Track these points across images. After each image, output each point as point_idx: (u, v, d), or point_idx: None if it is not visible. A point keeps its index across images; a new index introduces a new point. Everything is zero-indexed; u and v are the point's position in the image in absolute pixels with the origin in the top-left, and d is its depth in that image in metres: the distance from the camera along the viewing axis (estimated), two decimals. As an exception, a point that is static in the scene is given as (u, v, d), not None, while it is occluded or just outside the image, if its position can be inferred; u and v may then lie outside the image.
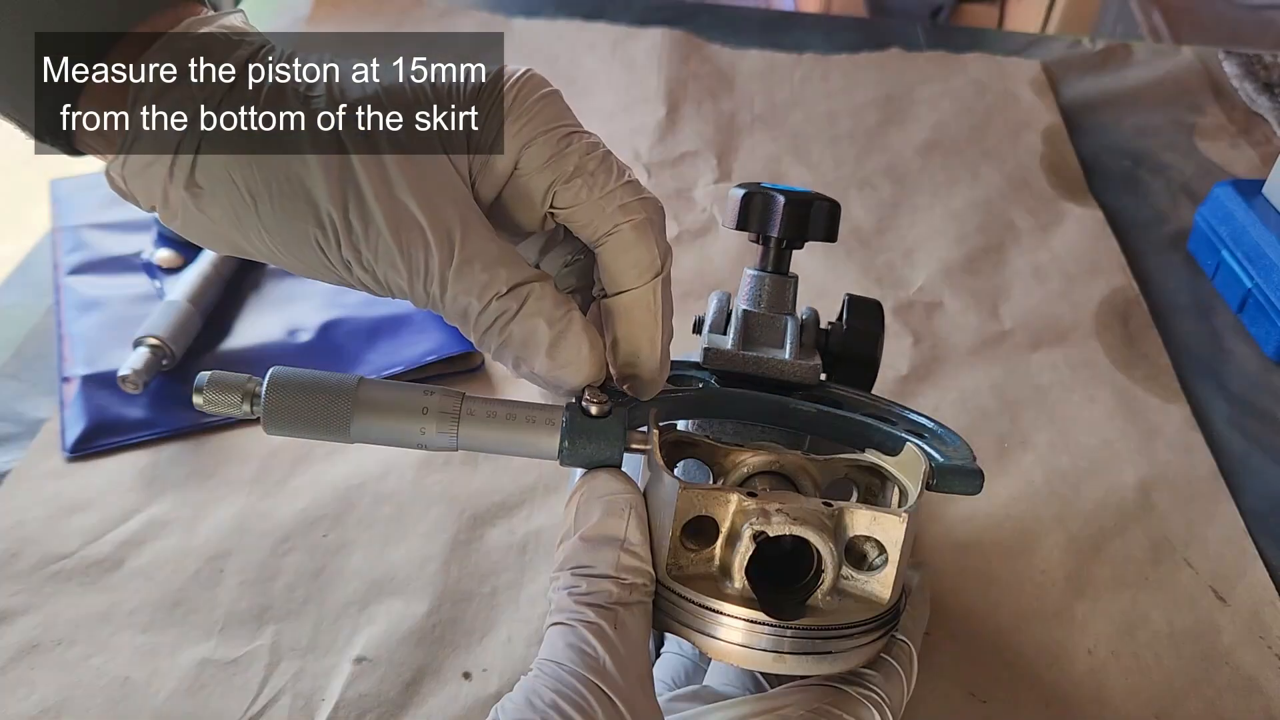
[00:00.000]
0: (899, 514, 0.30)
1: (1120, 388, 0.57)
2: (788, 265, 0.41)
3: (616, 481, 0.30)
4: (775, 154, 0.76)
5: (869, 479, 0.34)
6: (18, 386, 0.52)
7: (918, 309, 0.61)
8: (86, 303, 0.56)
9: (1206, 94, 0.86)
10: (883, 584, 0.31)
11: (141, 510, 0.46)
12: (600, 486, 0.30)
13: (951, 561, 0.46)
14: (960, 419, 0.54)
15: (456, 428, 0.32)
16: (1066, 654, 0.43)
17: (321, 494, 0.47)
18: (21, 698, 0.39)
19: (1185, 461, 0.52)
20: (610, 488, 0.30)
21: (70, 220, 0.62)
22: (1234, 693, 0.42)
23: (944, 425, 0.37)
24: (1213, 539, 0.48)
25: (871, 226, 0.68)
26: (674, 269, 0.29)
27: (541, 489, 0.48)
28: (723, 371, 0.38)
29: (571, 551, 0.29)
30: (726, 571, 0.31)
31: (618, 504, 0.29)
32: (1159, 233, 0.70)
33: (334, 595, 0.43)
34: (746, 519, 0.30)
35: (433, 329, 0.55)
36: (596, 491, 0.30)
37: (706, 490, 0.30)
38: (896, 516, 0.30)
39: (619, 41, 0.87)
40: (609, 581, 0.28)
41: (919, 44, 0.91)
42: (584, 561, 0.28)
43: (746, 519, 0.30)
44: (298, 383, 0.32)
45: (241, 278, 0.58)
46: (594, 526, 0.29)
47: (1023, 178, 0.74)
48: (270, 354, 0.54)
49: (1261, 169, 0.76)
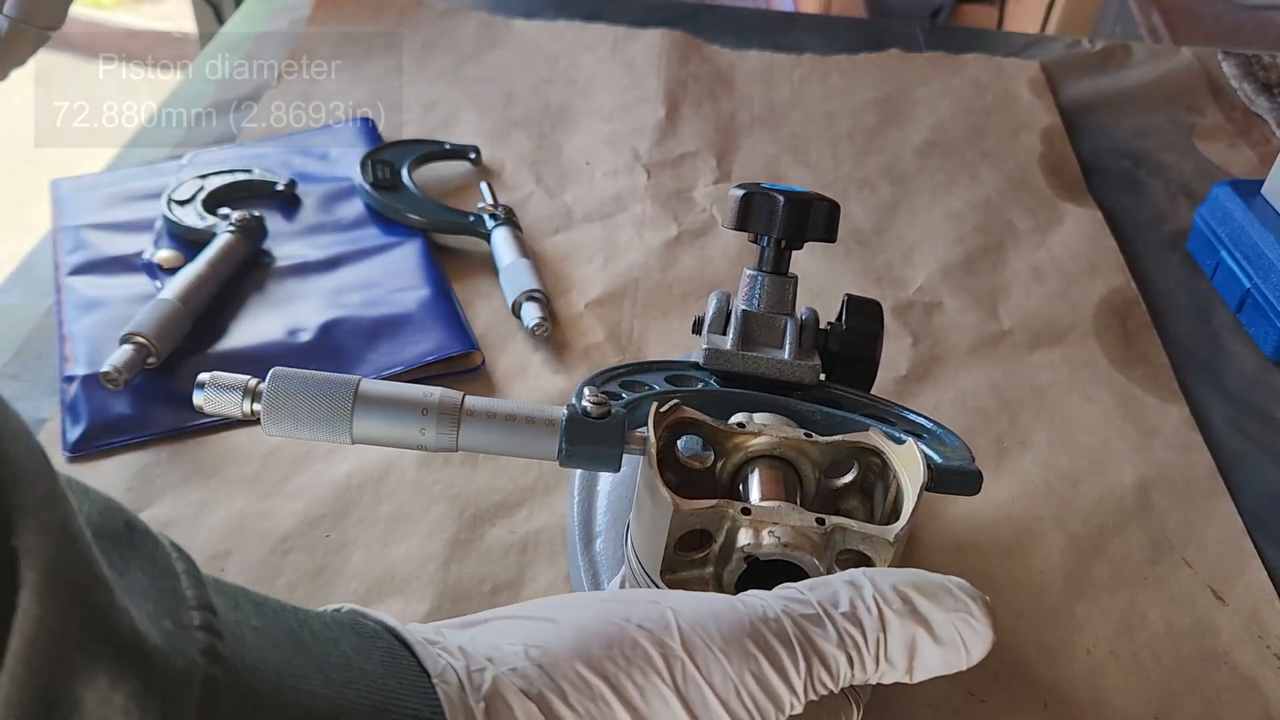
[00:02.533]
0: (889, 538, 0.30)
1: (1119, 387, 0.57)
2: (787, 265, 0.41)
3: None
4: (775, 154, 0.76)
5: (869, 458, 0.34)
6: (18, 386, 0.52)
7: (917, 309, 0.62)
8: (87, 303, 0.56)
9: (1205, 94, 0.86)
10: None
11: (142, 510, 0.46)
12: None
13: (950, 561, 0.46)
14: (959, 419, 0.54)
15: (457, 428, 0.32)
16: (1065, 653, 0.43)
17: (321, 493, 0.47)
18: (22, 697, 0.39)
19: (1184, 461, 0.52)
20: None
21: (71, 220, 0.62)
22: (1232, 692, 0.42)
23: (942, 425, 0.38)
24: (1211, 539, 0.48)
25: (871, 227, 0.69)
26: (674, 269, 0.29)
27: (541, 489, 0.48)
28: (722, 371, 0.39)
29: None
30: (719, 580, 0.31)
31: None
32: (1158, 233, 0.71)
33: (334, 594, 0.43)
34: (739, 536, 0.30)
35: (433, 329, 0.55)
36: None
37: (700, 510, 0.30)
38: (887, 539, 0.30)
39: (618, 42, 0.87)
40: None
41: (918, 45, 0.91)
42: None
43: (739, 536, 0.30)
44: (298, 383, 0.32)
45: (243, 277, 0.58)
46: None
47: (1022, 178, 0.74)
48: (270, 354, 0.54)
49: (1260, 169, 0.76)
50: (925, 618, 0.27)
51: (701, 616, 0.26)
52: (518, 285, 0.58)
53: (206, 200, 0.62)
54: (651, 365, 0.40)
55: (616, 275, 0.62)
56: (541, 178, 0.71)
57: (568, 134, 0.75)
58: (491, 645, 0.25)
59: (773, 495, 0.32)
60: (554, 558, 0.45)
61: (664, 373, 0.39)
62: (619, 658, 0.25)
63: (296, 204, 0.66)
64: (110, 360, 0.49)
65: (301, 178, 0.67)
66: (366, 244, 0.62)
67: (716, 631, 0.26)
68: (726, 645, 0.25)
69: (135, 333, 0.50)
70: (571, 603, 0.27)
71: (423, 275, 0.59)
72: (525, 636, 0.25)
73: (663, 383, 0.38)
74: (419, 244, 0.62)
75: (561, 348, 0.57)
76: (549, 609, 0.27)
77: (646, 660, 0.25)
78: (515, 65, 0.83)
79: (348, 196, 0.66)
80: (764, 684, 0.25)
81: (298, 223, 0.64)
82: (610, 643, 0.25)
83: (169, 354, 0.52)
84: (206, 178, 0.64)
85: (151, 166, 0.68)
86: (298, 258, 0.61)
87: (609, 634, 0.25)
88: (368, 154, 0.67)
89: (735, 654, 0.25)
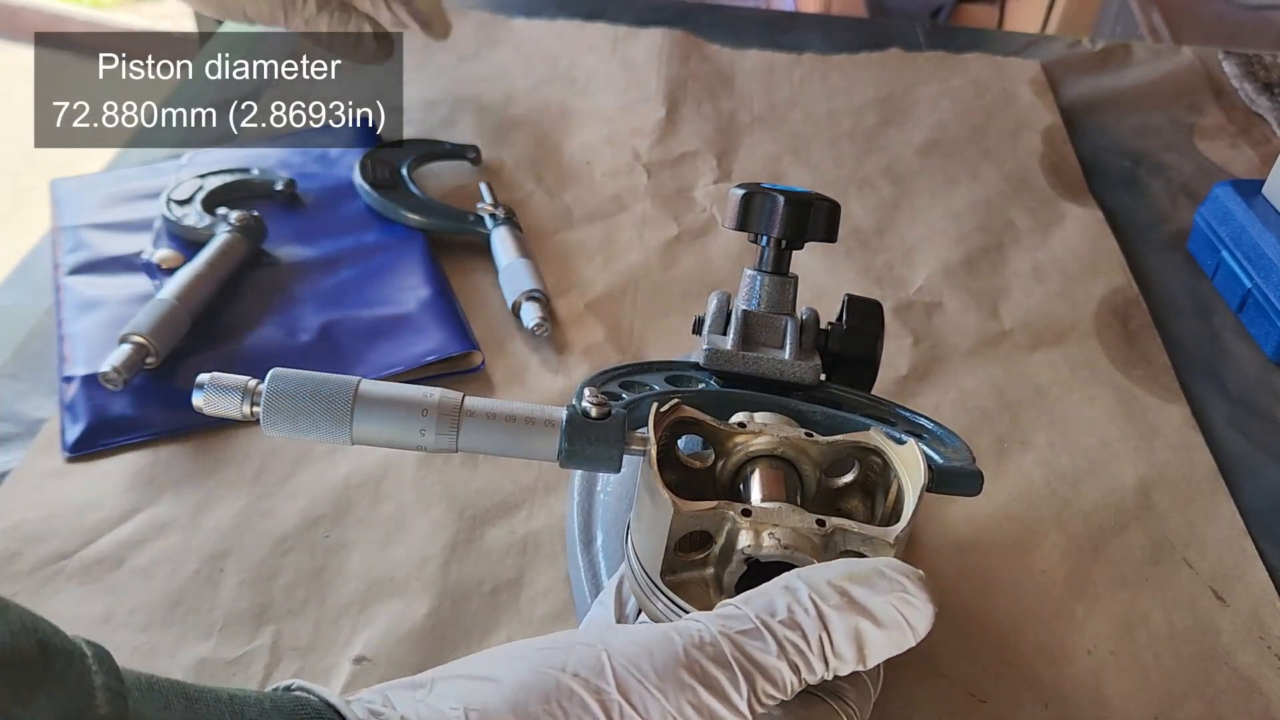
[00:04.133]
0: (890, 540, 0.30)
1: (1120, 387, 0.57)
2: (787, 266, 0.41)
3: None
4: (775, 154, 0.76)
5: (870, 458, 0.34)
6: (18, 386, 0.52)
7: (917, 309, 0.62)
8: (87, 303, 0.56)
9: (1206, 94, 0.86)
10: None
11: (141, 510, 0.46)
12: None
13: (951, 562, 0.46)
14: (960, 419, 0.54)
15: (456, 429, 0.32)
16: (1066, 654, 0.43)
17: (321, 494, 0.47)
18: (22, 698, 0.39)
19: (1185, 461, 0.52)
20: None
21: (70, 220, 0.62)
22: (1233, 693, 0.42)
23: (943, 426, 0.37)
24: (1212, 539, 0.48)
25: (871, 227, 0.68)
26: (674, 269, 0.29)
27: (542, 489, 0.48)
28: (722, 372, 0.38)
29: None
30: (719, 582, 0.31)
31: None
32: (1159, 233, 0.70)
33: (334, 595, 0.43)
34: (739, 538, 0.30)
35: (433, 329, 0.55)
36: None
37: (701, 512, 0.30)
38: (888, 542, 0.30)
39: (619, 42, 0.87)
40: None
41: (919, 44, 0.91)
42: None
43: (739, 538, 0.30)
44: (298, 384, 0.32)
45: (242, 277, 0.58)
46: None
47: (1022, 177, 0.74)
48: (270, 354, 0.54)
49: (1261, 169, 0.76)
50: (864, 606, 0.27)
51: (635, 655, 0.26)
52: (517, 285, 0.58)
53: (206, 200, 0.62)
54: (651, 365, 0.40)
55: (616, 275, 0.62)
56: (541, 178, 0.71)
57: (568, 134, 0.75)
58: (435, 711, 0.26)
59: (773, 495, 0.32)
60: (554, 558, 0.45)
61: (664, 373, 0.39)
62: (556, 710, 0.25)
63: (296, 204, 0.66)
64: (109, 360, 0.49)
65: (301, 178, 0.67)
66: (366, 244, 0.62)
67: (650, 668, 0.26)
68: (662, 680, 0.26)
69: (134, 333, 0.50)
70: (513, 654, 0.28)
71: (423, 275, 0.59)
72: (466, 699, 0.26)
73: (663, 383, 0.38)
74: (419, 244, 0.62)
75: (561, 348, 0.57)
76: (492, 666, 0.27)
77: (583, 708, 0.26)
78: (515, 65, 0.83)
79: (348, 196, 0.66)
80: (704, 712, 0.26)
81: (298, 223, 0.64)
82: (547, 695, 0.26)
83: (168, 354, 0.52)
84: (206, 177, 0.64)
85: (151, 166, 0.68)
86: (297, 258, 0.61)
87: (545, 687, 0.26)
88: (368, 154, 0.67)
89: (671, 687, 0.26)
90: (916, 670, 0.42)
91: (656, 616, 0.32)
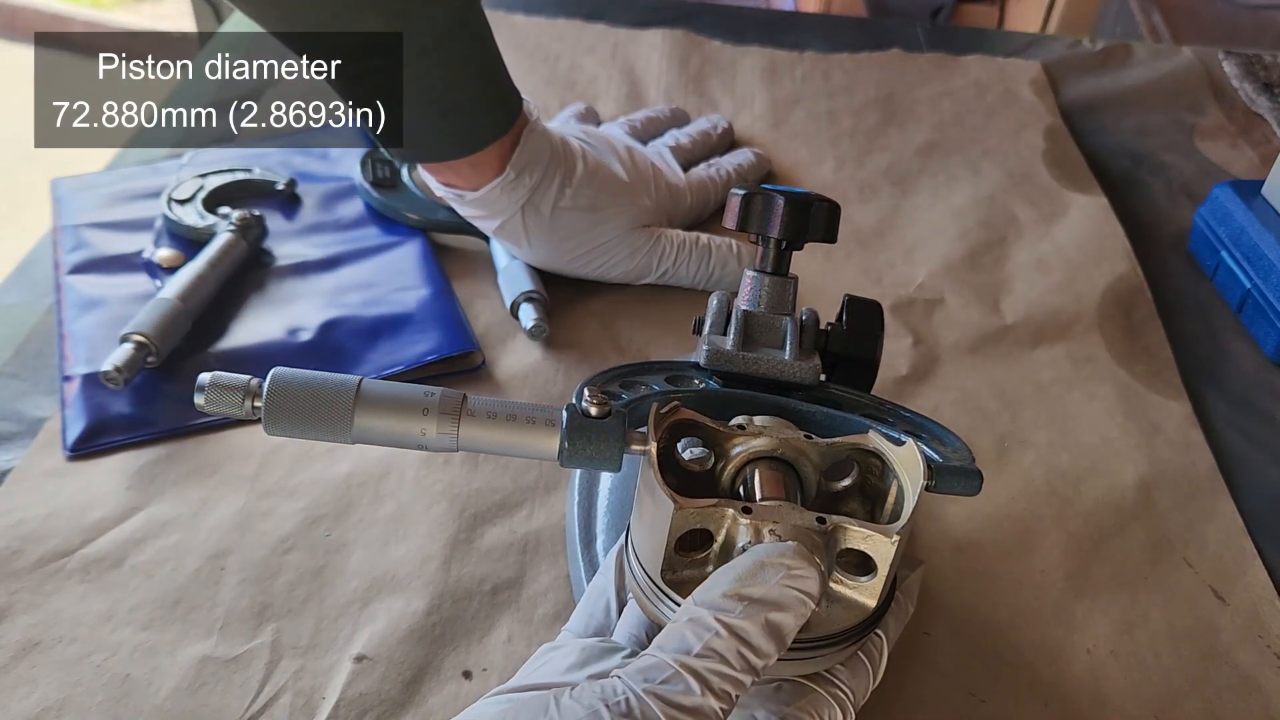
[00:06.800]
0: (890, 536, 0.30)
1: (1121, 384, 0.57)
2: (787, 266, 0.41)
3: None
4: (776, 154, 0.76)
5: (869, 460, 0.34)
6: (18, 386, 0.52)
7: (918, 307, 0.61)
8: (87, 302, 0.56)
9: (1206, 94, 0.86)
10: (870, 593, 0.31)
11: (142, 509, 0.46)
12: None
13: (951, 561, 0.46)
14: (960, 419, 0.54)
15: (457, 428, 0.32)
16: (1065, 653, 0.43)
17: (322, 493, 0.47)
18: (23, 696, 0.39)
19: (1185, 460, 0.52)
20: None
21: (70, 219, 0.62)
22: (1233, 692, 0.42)
23: (942, 425, 0.38)
24: (1212, 538, 0.48)
25: (871, 227, 0.68)
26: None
27: (542, 489, 0.48)
28: (723, 372, 0.38)
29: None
30: None
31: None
32: (1158, 233, 0.70)
33: (334, 594, 0.43)
34: (739, 536, 0.30)
35: (433, 329, 0.55)
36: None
37: (701, 509, 0.30)
38: (888, 538, 0.30)
39: (619, 43, 0.87)
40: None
41: (919, 44, 0.91)
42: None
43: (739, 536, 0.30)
44: (298, 383, 0.32)
45: (243, 277, 0.58)
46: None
47: (1025, 172, 0.74)
48: (270, 353, 0.54)
49: (1261, 169, 0.76)
50: (764, 599, 0.28)
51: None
52: (516, 286, 0.58)
53: (206, 199, 0.62)
54: (651, 365, 0.40)
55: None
56: (542, 177, 0.71)
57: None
58: None
59: (773, 495, 0.32)
60: (554, 558, 0.45)
61: (664, 373, 0.39)
62: None
63: (296, 203, 0.66)
64: (110, 359, 0.49)
65: (301, 177, 0.67)
66: (366, 243, 0.62)
67: None
68: None
69: (135, 332, 0.50)
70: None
71: (423, 275, 0.59)
72: None
73: (663, 383, 0.38)
74: (419, 244, 0.62)
75: (561, 348, 0.57)
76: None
77: None
78: (515, 65, 0.83)
79: (348, 196, 0.66)
80: None
81: (298, 222, 0.64)
82: None
83: (169, 353, 0.52)
84: (206, 177, 0.64)
85: (151, 166, 0.68)
86: (298, 257, 0.61)
87: None
88: (368, 154, 0.67)
89: None
90: (916, 670, 0.42)
91: (656, 617, 0.32)
